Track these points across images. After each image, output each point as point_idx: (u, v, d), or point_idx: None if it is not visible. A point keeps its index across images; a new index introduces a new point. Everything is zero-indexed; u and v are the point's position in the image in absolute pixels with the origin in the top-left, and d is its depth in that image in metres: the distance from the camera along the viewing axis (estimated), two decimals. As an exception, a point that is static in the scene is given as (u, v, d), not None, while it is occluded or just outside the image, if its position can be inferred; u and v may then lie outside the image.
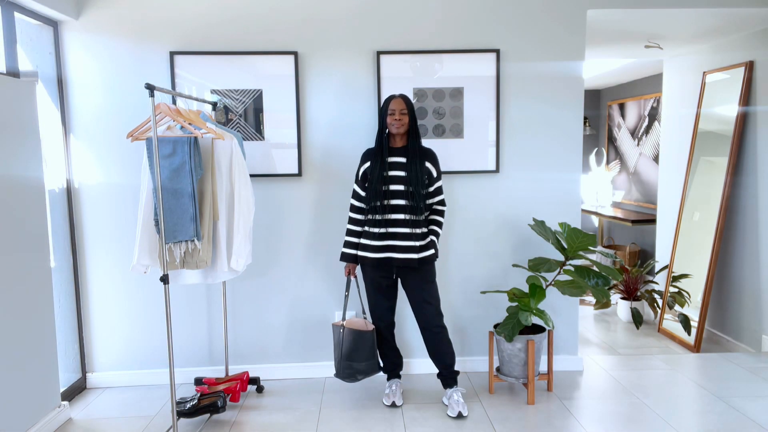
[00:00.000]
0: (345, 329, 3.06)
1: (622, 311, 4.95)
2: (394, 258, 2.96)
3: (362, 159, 3.06)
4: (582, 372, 3.59)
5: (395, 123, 2.93)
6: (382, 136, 3.01)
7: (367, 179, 3.01)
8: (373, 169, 2.97)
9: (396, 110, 2.93)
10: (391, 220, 2.97)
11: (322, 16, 3.35)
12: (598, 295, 3.11)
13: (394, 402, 3.13)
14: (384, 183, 2.95)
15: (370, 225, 3.00)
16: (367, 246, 3.00)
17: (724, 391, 3.23)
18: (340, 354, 3.06)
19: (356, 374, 3.06)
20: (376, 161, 2.98)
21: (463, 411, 2.98)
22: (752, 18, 3.63)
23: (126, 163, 3.35)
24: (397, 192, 2.95)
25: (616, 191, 6.53)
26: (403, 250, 2.96)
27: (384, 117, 2.97)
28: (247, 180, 2.94)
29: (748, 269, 4.03)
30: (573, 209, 3.53)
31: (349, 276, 3.12)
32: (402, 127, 2.95)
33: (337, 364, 3.09)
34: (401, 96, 2.97)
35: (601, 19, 3.56)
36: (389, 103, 2.94)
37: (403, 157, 2.98)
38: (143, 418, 3.06)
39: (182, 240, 2.73)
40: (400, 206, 2.96)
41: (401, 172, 2.97)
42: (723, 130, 4.22)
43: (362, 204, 3.04)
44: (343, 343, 3.05)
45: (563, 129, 3.47)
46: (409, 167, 2.95)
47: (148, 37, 3.30)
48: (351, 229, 3.07)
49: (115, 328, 3.47)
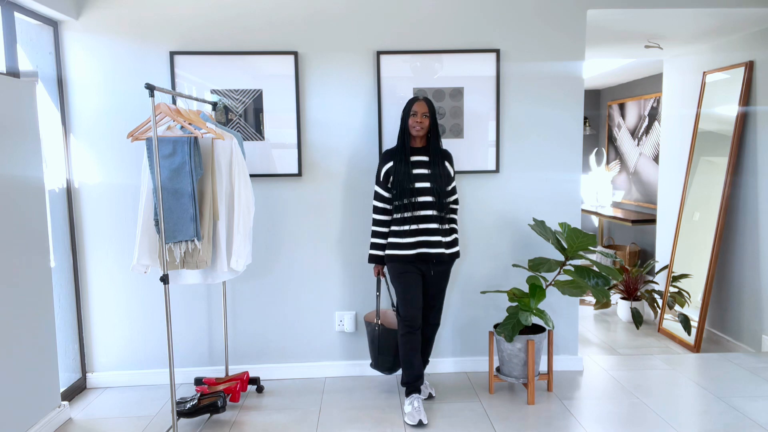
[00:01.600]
0: (381, 326, 3.20)
1: (622, 311, 4.95)
2: (429, 253, 3.01)
3: (383, 159, 3.09)
4: (582, 372, 3.59)
5: (416, 125, 2.98)
6: (404, 136, 3.04)
7: (389, 179, 3.04)
8: (397, 168, 3.01)
9: (418, 112, 2.98)
10: (420, 216, 3.00)
11: (322, 16, 3.35)
12: (598, 295, 3.11)
13: (420, 420, 2.87)
14: (410, 181, 2.99)
15: (399, 223, 3.01)
16: (400, 244, 3.01)
17: (724, 391, 3.23)
18: (377, 349, 3.22)
19: (395, 366, 3.23)
20: (399, 160, 3.02)
21: (432, 392, 3.24)
22: (752, 18, 3.63)
23: (126, 163, 3.35)
24: (423, 189, 3.00)
25: (616, 191, 6.53)
26: (434, 245, 3.01)
27: (406, 118, 3.02)
28: (247, 180, 2.94)
29: (748, 269, 4.03)
30: (573, 209, 3.53)
31: (379, 276, 3.19)
32: (422, 130, 3.00)
33: (376, 357, 3.25)
34: (425, 99, 3.01)
35: (601, 19, 3.56)
36: (412, 105, 2.99)
37: (425, 156, 3.04)
38: (143, 418, 3.06)
39: (182, 240, 2.73)
40: (428, 203, 3.00)
41: (425, 170, 3.02)
42: (723, 130, 4.22)
43: (385, 205, 3.07)
44: (380, 339, 3.20)
45: (563, 129, 3.47)
46: (433, 165, 3.02)
47: (148, 37, 3.30)
48: (376, 231, 3.10)
49: (115, 328, 3.47)
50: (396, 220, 3.03)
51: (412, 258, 3.01)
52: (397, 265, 3.04)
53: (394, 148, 3.09)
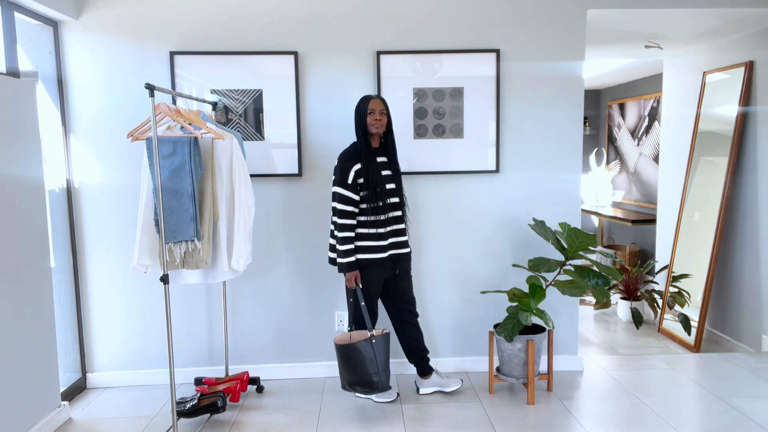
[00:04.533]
0: (377, 339, 2.96)
1: (622, 311, 4.95)
2: (400, 253, 3.07)
3: (348, 162, 2.93)
4: (582, 372, 3.59)
5: (375, 123, 2.95)
6: (366, 136, 2.98)
7: (358, 182, 2.93)
8: (369, 170, 2.94)
9: (376, 110, 2.95)
10: (392, 218, 3.05)
11: (322, 16, 3.35)
12: (598, 295, 3.11)
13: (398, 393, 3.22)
14: (384, 182, 3.00)
15: (374, 226, 2.98)
16: (374, 248, 2.98)
17: (724, 391, 3.23)
18: (377, 366, 2.94)
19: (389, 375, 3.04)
20: (369, 162, 2.95)
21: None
22: (752, 18, 3.63)
23: (126, 163, 3.35)
24: (390, 191, 3.03)
25: (616, 191, 6.53)
26: (403, 245, 3.10)
27: (364, 116, 2.95)
28: (247, 180, 2.94)
29: (748, 269, 4.03)
30: (573, 209, 3.53)
31: (357, 284, 2.99)
32: (381, 128, 2.98)
33: (379, 376, 2.95)
34: (378, 96, 3.00)
35: (601, 19, 3.56)
36: (368, 103, 2.95)
37: (384, 156, 3.06)
38: (143, 418, 3.06)
39: (182, 240, 2.73)
40: (396, 204, 3.06)
41: (387, 170, 3.05)
42: (723, 130, 4.22)
43: (354, 208, 2.93)
44: (376, 355, 2.94)
45: (563, 129, 3.47)
46: (392, 165, 3.06)
47: (148, 37, 3.30)
48: (348, 237, 2.92)
49: (115, 328, 3.47)
50: (369, 223, 2.96)
51: (386, 261, 3.01)
52: (371, 270, 2.99)
53: (355, 149, 2.97)
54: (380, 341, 2.97)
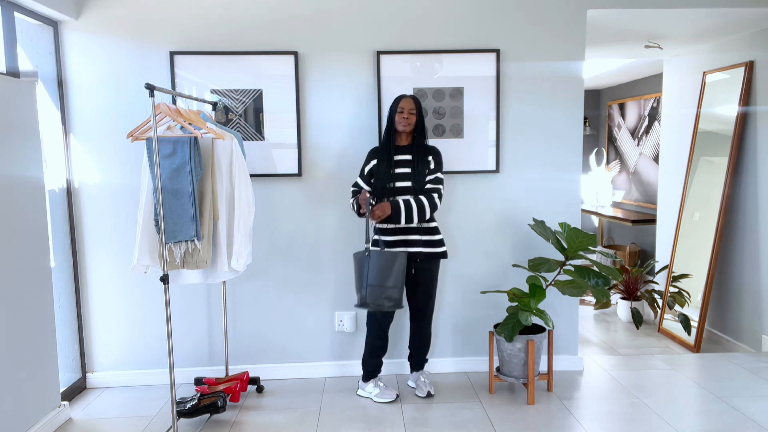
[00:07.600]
0: (371, 252, 2.97)
1: (622, 311, 4.95)
2: (410, 252, 3.08)
3: (369, 156, 3.15)
4: (582, 372, 3.59)
5: (402, 121, 3.03)
6: (390, 134, 3.09)
7: (371, 177, 3.11)
8: (379, 166, 3.06)
9: (405, 109, 3.02)
10: None
11: (322, 16, 3.35)
12: (598, 295, 3.11)
13: (397, 394, 3.21)
14: (391, 180, 3.04)
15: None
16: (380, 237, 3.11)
17: (724, 391, 3.23)
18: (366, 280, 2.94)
19: (385, 299, 2.93)
20: (382, 159, 3.07)
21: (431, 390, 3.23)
22: (752, 18, 3.63)
23: (126, 163, 3.35)
24: (402, 189, 3.04)
25: (616, 191, 6.53)
26: (413, 244, 3.08)
27: (393, 115, 3.06)
28: (247, 180, 2.94)
29: (748, 269, 4.03)
30: (573, 209, 3.53)
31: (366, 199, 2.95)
32: (408, 126, 3.04)
33: (363, 291, 2.96)
34: (411, 96, 3.07)
35: (601, 19, 3.56)
36: (399, 102, 3.04)
37: (409, 155, 3.07)
38: (143, 418, 3.06)
39: (182, 240, 2.73)
40: None
41: (407, 169, 3.05)
42: (723, 130, 4.22)
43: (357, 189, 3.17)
44: (369, 268, 2.94)
45: (563, 129, 3.47)
46: (415, 164, 3.05)
47: (148, 37, 3.30)
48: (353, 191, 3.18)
49: (115, 328, 3.47)
50: None
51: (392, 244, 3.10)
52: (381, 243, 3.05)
53: (379, 146, 3.16)
54: (375, 256, 2.95)
